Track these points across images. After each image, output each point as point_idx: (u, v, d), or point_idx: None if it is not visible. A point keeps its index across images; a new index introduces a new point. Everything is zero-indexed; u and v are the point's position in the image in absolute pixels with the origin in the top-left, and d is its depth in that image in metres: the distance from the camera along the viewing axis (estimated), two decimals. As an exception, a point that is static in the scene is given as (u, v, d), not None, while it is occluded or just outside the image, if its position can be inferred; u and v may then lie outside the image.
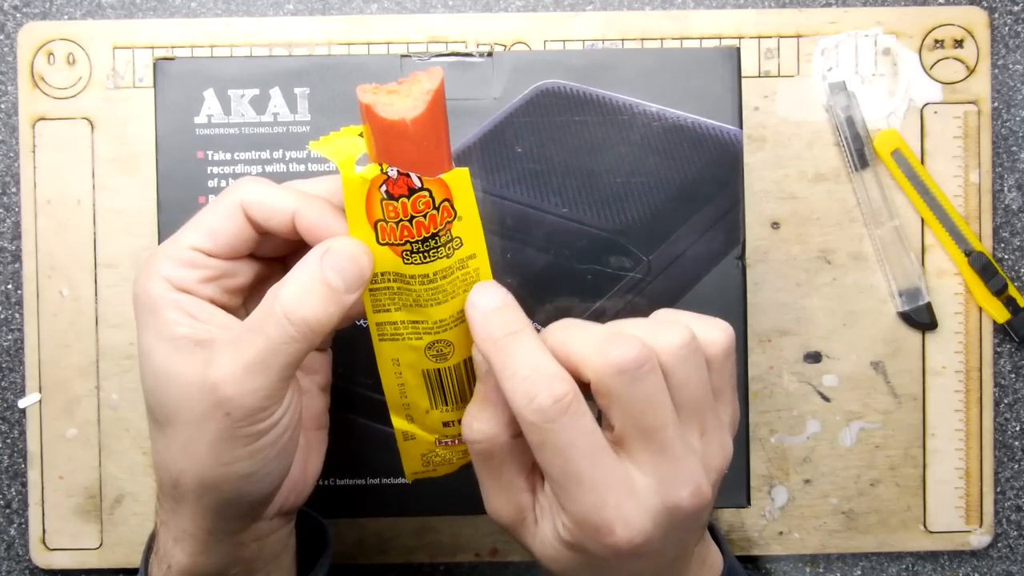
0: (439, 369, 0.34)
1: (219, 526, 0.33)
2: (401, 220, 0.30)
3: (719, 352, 0.32)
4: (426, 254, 0.31)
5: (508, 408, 0.31)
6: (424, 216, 0.30)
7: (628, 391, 0.30)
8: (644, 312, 0.38)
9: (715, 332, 0.32)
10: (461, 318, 0.33)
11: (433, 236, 0.31)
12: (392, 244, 0.31)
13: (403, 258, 0.31)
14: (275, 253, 0.34)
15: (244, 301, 0.34)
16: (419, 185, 0.30)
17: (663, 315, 0.33)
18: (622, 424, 0.30)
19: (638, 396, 0.30)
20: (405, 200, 0.30)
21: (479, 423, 0.32)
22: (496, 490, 0.33)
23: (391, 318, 0.33)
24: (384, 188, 0.30)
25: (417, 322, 0.33)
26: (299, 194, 0.32)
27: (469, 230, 0.32)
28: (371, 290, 0.32)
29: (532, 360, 0.30)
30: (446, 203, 0.31)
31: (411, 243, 0.31)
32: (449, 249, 0.31)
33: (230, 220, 0.32)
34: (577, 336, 0.31)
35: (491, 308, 0.31)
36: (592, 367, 0.30)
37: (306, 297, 0.30)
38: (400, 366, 0.34)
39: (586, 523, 0.30)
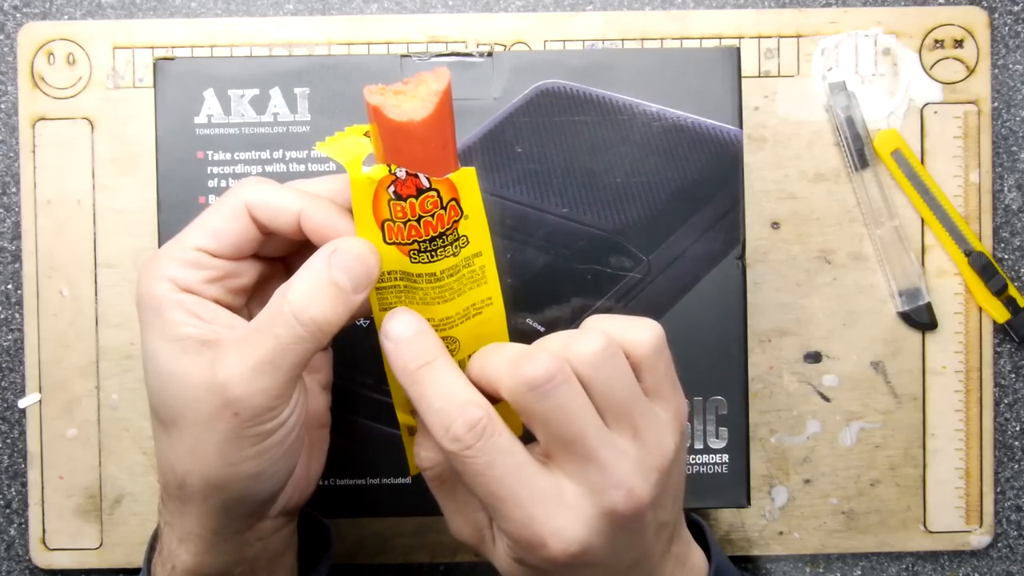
0: None
1: (225, 526, 0.33)
2: (409, 220, 0.31)
3: (647, 352, 0.32)
4: (433, 253, 0.31)
5: None
6: (432, 216, 0.31)
7: (541, 406, 0.30)
8: (643, 313, 0.38)
9: (641, 332, 0.32)
10: (467, 315, 0.33)
11: (440, 235, 0.31)
12: (399, 243, 0.31)
13: (410, 257, 0.31)
14: (278, 253, 0.35)
15: (247, 301, 0.34)
16: (427, 185, 0.30)
17: (587, 323, 0.33)
18: (544, 437, 0.31)
19: (552, 409, 0.30)
20: (413, 200, 0.30)
21: (425, 451, 0.33)
22: (454, 511, 0.34)
23: None
24: (392, 189, 0.30)
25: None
26: (304, 194, 0.32)
27: (475, 228, 0.32)
28: (377, 289, 0.32)
29: (445, 389, 0.31)
30: (453, 202, 0.31)
31: (418, 242, 0.31)
32: (456, 248, 0.31)
33: (234, 221, 0.32)
34: (493, 358, 0.32)
35: (404, 337, 0.31)
36: (505, 386, 0.31)
37: (315, 297, 0.30)
38: None
39: (520, 540, 0.31)
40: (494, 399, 0.32)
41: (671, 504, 0.33)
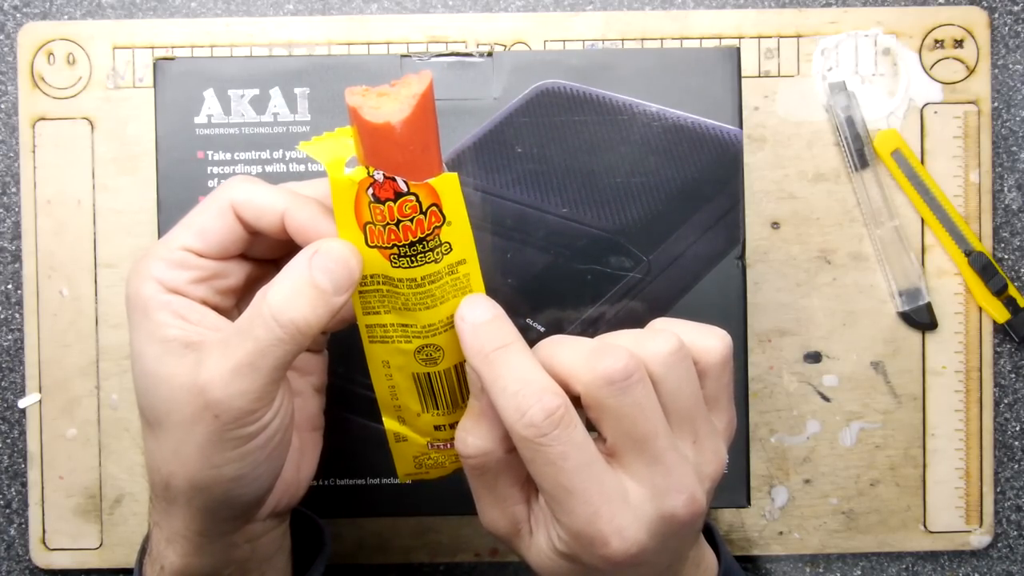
0: (429, 373, 0.33)
1: (210, 527, 0.32)
2: (388, 224, 0.30)
3: (715, 360, 0.32)
4: (414, 258, 0.31)
5: (502, 423, 0.31)
6: (411, 221, 0.30)
7: (617, 402, 0.30)
8: (643, 313, 0.38)
9: (711, 340, 0.32)
10: (451, 323, 0.32)
11: (420, 240, 0.31)
12: (380, 247, 0.31)
13: (391, 262, 0.31)
14: (268, 254, 0.34)
15: (237, 302, 0.34)
16: (405, 190, 0.30)
17: (657, 324, 0.33)
18: (614, 435, 0.30)
19: (628, 406, 0.30)
20: (391, 204, 0.30)
21: (473, 438, 0.32)
22: (491, 503, 0.33)
23: (381, 320, 0.33)
24: (371, 191, 0.30)
25: (406, 325, 0.32)
26: (289, 194, 0.32)
27: (459, 236, 0.31)
28: (361, 292, 0.32)
29: (523, 374, 0.30)
30: (434, 208, 0.30)
31: (398, 247, 0.31)
32: (437, 254, 0.31)
33: (220, 220, 0.32)
34: (565, 350, 0.31)
35: (481, 321, 0.31)
36: (581, 379, 0.30)
37: (294, 299, 0.30)
38: (390, 368, 0.34)
39: (581, 535, 0.30)
40: None
41: (707, 512, 0.33)
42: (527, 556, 0.33)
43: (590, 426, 0.31)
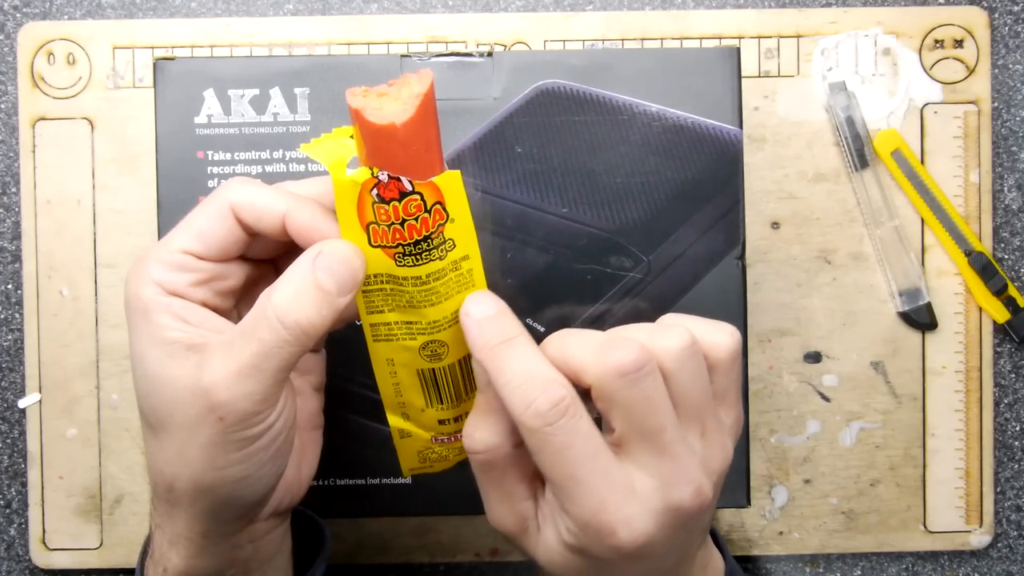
0: (434, 369, 0.34)
1: (214, 529, 0.32)
2: (393, 223, 0.30)
3: (725, 356, 0.32)
4: (418, 256, 0.31)
5: (509, 418, 0.31)
6: (416, 219, 0.30)
7: (628, 394, 0.30)
8: (644, 313, 0.38)
9: (721, 336, 0.32)
10: (455, 319, 0.33)
11: (425, 239, 0.31)
12: (384, 246, 0.31)
13: (395, 260, 0.31)
14: (266, 255, 0.34)
15: (236, 303, 0.34)
16: (410, 189, 0.30)
17: (668, 319, 0.33)
18: (623, 426, 0.31)
19: (638, 398, 0.30)
20: (396, 204, 0.30)
21: (481, 433, 0.32)
22: (498, 499, 0.33)
23: (385, 319, 0.33)
24: (375, 192, 0.30)
25: (411, 323, 0.33)
26: (289, 195, 0.32)
27: (462, 232, 0.31)
28: (364, 291, 0.32)
29: (528, 366, 0.31)
30: (438, 206, 0.30)
31: (403, 246, 0.31)
32: (442, 251, 0.31)
33: (220, 222, 0.32)
34: (576, 343, 0.32)
35: (486, 316, 0.31)
36: (592, 372, 0.30)
37: (299, 300, 0.30)
38: (395, 366, 0.34)
39: (588, 525, 0.30)
40: None
41: (714, 509, 0.33)
42: (535, 553, 0.33)
43: (597, 420, 0.31)
